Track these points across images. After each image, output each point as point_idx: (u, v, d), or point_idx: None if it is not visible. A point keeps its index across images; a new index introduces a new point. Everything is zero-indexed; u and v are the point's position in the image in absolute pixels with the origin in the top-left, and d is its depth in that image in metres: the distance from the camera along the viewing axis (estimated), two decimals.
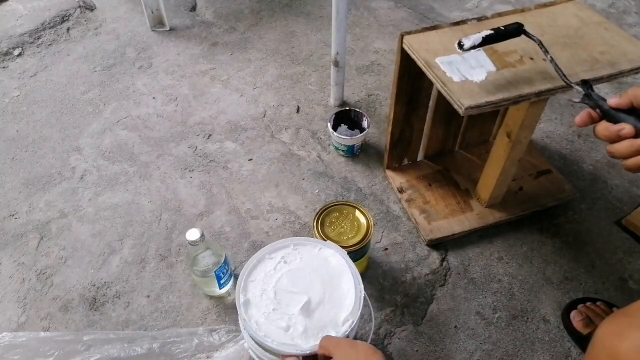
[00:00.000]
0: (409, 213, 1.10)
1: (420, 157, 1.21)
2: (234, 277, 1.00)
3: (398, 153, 1.17)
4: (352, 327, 0.68)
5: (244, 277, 0.73)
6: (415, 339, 0.93)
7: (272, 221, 1.13)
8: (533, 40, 0.75)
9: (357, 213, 0.92)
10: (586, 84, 0.63)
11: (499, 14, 0.94)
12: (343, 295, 0.71)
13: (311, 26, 1.71)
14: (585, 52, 0.84)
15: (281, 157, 1.27)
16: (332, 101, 1.41)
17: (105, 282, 1.02)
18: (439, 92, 0.96)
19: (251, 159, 1.27)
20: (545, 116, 1.36)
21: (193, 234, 0.86)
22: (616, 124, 0.55)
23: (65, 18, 1.75)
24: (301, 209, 1.15)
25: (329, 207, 0.93)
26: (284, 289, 0.72)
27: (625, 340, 0.50)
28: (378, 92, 1.45)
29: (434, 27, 0.90)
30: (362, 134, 1.21)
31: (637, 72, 0.83)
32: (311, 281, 0.73)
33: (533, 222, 1.11)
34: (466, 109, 0.75)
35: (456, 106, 0.77)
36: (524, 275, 1.02)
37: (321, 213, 0.92)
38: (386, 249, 1.06)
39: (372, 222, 0.90)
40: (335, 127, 1.25)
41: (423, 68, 0.85)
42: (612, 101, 0.56)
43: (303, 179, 1.22)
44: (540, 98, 0.79)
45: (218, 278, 0.93)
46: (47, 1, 1.82)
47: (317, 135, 1.33)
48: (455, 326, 0.94)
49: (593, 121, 0.59)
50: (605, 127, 0.56)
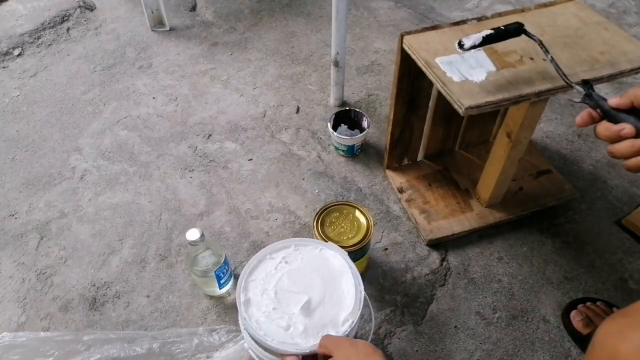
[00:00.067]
0: (409, 213, 1.10)
1: (420, 157, 1.21)
2: (234, 277, 1.00)
3: (398, 153, 1.17)
4: (352, 327, 0.68)
5: (245, 277, 0.73)
6: (415, 339, 0.93)
7: (272, 221, 1.13)
8: (533, 40, 0.75)
9: (357, 213, 0.92)
10: (587, 84, 0.63)
11: (499, 14, 0.94)
12: (343, 295, 0.71)
13: (311, 26, 1.71)
14: (585, 52, 0.84)
15: (281, 157, 1.27)
16: (332, 101, 1.41)
17: (105, 282, 1.02)
18: (439, 92, 0.96)
19: (251, 159, 1.27)
20: (545, 116, 1.36)
21: (193, 234, 0.86)
22: (617, 124, 0.55)
23: (65, 18, 1.75)
24: (301, 209, 1.15)
25: (329, 207, 0.93)
26: (285, 289, 0.72)
27: (625, 340, 0.50)
28: (378, 92, 1.45)
29: (434, 27, 0.90)
30: (362, 134, 1.21)
31: (637, 72, 0.83)
32: (312, 281, 0.73)
33: (533, 222, 1.11)
34: (466, 109, 0.75)
35: (456, 106, 0.77)
36: (524, 275, 1.02)
37: (321, 213, 0.92)
38: (386, 249, 1.07)
39: (372, 222, 0.90)
40: (335, 127, 1.25)
41: (423, 68, 0.85)
42: (613, 101, 0.56)
43: (303, 179, 1.22)
44: (540, 98, 0.79)
45: (218, 278, 0.93)
46: (47, 1, 1.82)
47: (317, 135, 1.33)
48: (455, 326, 0.95)
49: (594, 121, 0.59)
50: (605, 127, 0.56)
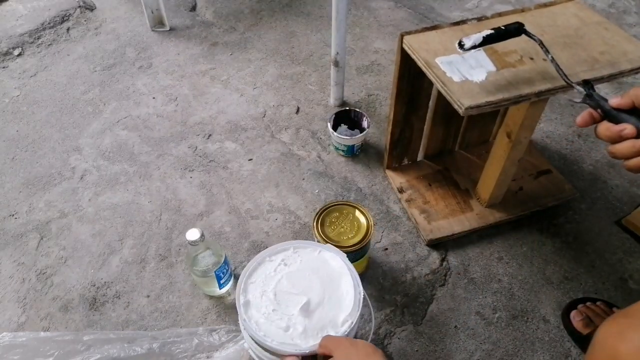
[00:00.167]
0: (409, 213, 1.10)
1: (420, 157, 1.21)
2: (234, 277, 1.00)
3: (398, 153, 1.17)
4: (352, 328, 0.68)
5: (244, 279, 0.73)
6: (415, 339, 0.93)
7: (272, 221, 1.13)
8: (534, 40, 0.75)
9: (357, 213, 0.92)
10: (587, 84, 0.63)
11: (499, 14, 0.94)
12: (342, 296, 0.71)
13: (311, 26, 1.71)
14: (585, 52, 0.84)
15: (281, 157, 1.27)
16: (332, 101, 1.41)
17: (105, 282, 1.02)
18: (439, 92, 0.96)
19: (251, 159, 1.27)
20: (545, 116, 1.36)
21: (193, 234, 0.86)
22: (618, 125, 0.55)
23: (65, 18, 1.75)
24: (301, 209, 1.15)
25: (329, 207, 0.93)
26: (284, 290, 0.72)
27: (625, 341, 0.50)
28: (378, 92, 1.45)
29: (434, 27, 0.90)
30: (362, 134, 1.21)
31: (637, 72, 0.83)
32: (311, 283, 0.73)
33: (533, 222, 1.11)
34: (466, 109, 0.75)
35: (456, 106, 0.77)
36: (524, 275, 1.02)
37: (321, 213, 0.92)
38: (386, 249, 1.06)
39: (372, 222, 0.90)
40: (335, 127, 1.25)
41: (423, 68, 0.85)
42: (614, 101, 0.56)
43: (303, 179, 1.22)
44: (540, 98, 0.79)
45: (218, 278, 0.93)
46: (47, 1, 1.82)
47: (317, 135, 1.33)
48: (455, 326, 0.94)
49: (594, 121, 0.59)
50: (606, 128, 0.56)
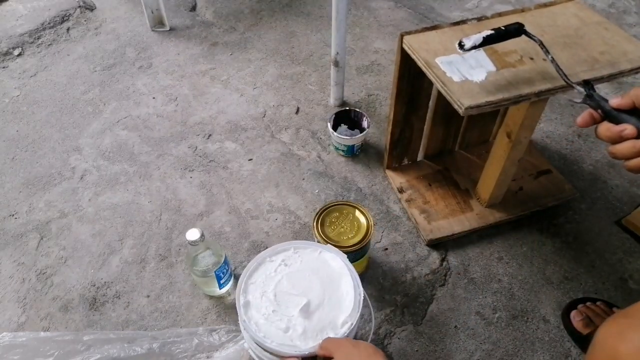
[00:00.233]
0: (409, 213, 1.10)
1: (420, 157, 1.21)
2: (234, 277, 1.00)
3: (398, 153, 1.17)
4: (351, 329, 0.68)
5: (245, 279, 0.73)
6: (415, 339, 0.93)
7: (272, 221, 1.13)
8: (534, 40, 0.75)
9: (357, 213, 0.92)
10: (588, 85, 0.62)
11: (499, 14, 0.94)
12: (342, 297, 0.71)
13: (311, 26, 1.71)
14: (585, 52, 0.84)
15: (281, 157, 1.27)
16: (332, 101, 1.41)
17: (105, 282, 1.02)
18: (439, 92, 0.96)
19: (251, 159, 1.27)
20: (545, 116, 1.36)
21: (193, 234, 0.86)
22: (618, 125, 0.55)
23: (65, 18, 1.75)
24: (301, 209, 1.15)
25: (329, 207, 0.93)
26: (284, 291, 0.72)
27: (625, 341, 0.50)
28: (378, 92, 1.45)
29: (434, 27, 0.90)
30: (362, 134, 1.21)
31: (637, 72, 0.83)
32: (311, 283, 0.73)
33: (533, 222, 1.11)
34: (466, 109, 0.75)
35: (456, 106, 0.77)
36: (524, 275, 1.02)
37: (321, 213, 0.92)
38: (386, 249, 1.06)
39: (372, 222, 0.90)
40: (335, 127, 1.25)
41: (423, 68, 0.85)
42: (614, 102, 0.56)
43: (303, 179, 1.22)
44: (540, 98, 0.79)
45: (218, 278, 0.93)
46: (47, 1, 1.82)
47: (317, 135, 1.33)
48: (455, 326, 0.94)
49: (595, 122, 0.58)
50: (607, 128, 0.56)
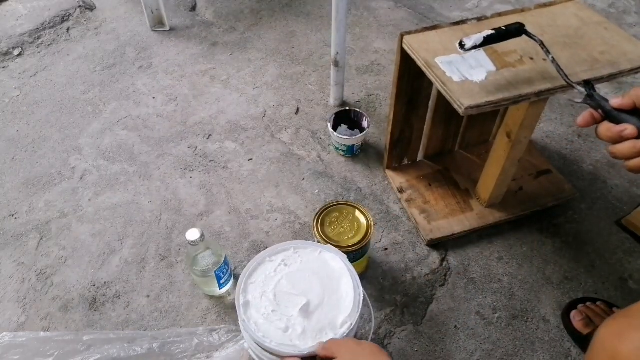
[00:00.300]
0: (409, 213, 1.10)
1: (420, 157, 1.21)
2: (234, 277, 1.00)
3: (398, 153, 1.17)
4: (351, 329, 0.68)
5: (244, 279, 0.73)
6: (415, 339, 0.93)
7: (272, 221, 1.13)
8: (534, 40, 0.75)
9: (357, 213, 0.92)
10: (588, 85, 0.62)
11: (499, 14, 0.94)
12: (342, 297, 0.71)
13: (311, 26, 1.71)
14: (585, 52, 0.84)
15: (281, 157, 1.27)
16: (332, 101, 1.41)
17: (105, 282, 1.02)
18: (439, 92, 0.96)
19: (251, 159, 1.27)
20: (545, 116, 1.36)
21: (193, 234, 0.86)
22: (618, 125, 0.54)
23: (65, 18, 1.75)
24: (301, 209, 1.15)
25: (329, 207, 0.93)
26: (284, 291, 0.72)
27: (625, 341, 0.50)
28: (378, 92, 1.45)
29: (434, 27, 0.90)
30: (362, 134, 1.21)
31: (637, 72, 0.83)
32: (311, 284, 0.73)
33: (533, 222, 1.11)
34: (466, 109, 0.75)
35: (456, 106, 0.77)
36: (524, 275, 1.02)
37: (321, 213, 0.92)
38: (386, 249, 1.06)
39: (372, 222, 0.90)
40: (335, 127, 1.25)
41: (423, 68, 0.85)
42: (615, 102, 0.56)
43: (303, 179, 1.22)
44: (540, 98, 0.79)
45: (218, 278, 0.93)
46: (47, 1, 1.82)
47: (317, 135, 1.33)
48: (455, 326, 0.94)
49: (595, 122, 0.58)
50: (607, 128, 0.56)
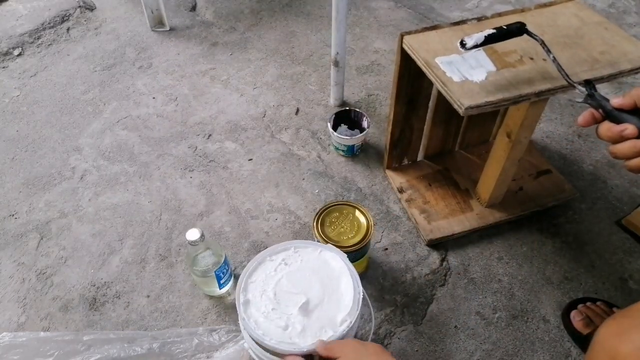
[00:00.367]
0: (409, 213, 1.10)
1: (420, 157, 1.21)
2: (234, 277, 1.00)
3: (398, 153, 1.17)
4: (350, 327, 0.68)
5: (245, 278, 0.73)
6: (415, 339, 0.93)
7: (272, 221, 1.13)
8: (535, 39, 0.75)
9: (357, 213, 0.92)
10: (589, 84, 0.62)
11: (499, 14, 0.94)
12: (342, 296, 0.71)
13: (311, 26, 1.71)
14: (585, 52, 0.84)
15: (281, 157, 1.27)
16: (332, 101, 1.41)
17: (105, 282, 1.02)
18: (439, 92, 0.96)
19: (251, 159, 1.27)
20: (545, 116, 1.36)
21: (193, 234, 0.86)
22: (619, 125, 0.54)
23: (65, 18, 1.75)
24: (301, 209, 1.15)
25: (329, 207, 0.93)
26: (284, 290, 0.72)
27: (625, 341, 0.50)
28: (378, 92, 1.45)
29: (434, 27, 0.90)
30: (362, 134, 1.21)
31: (637, 72, 0.83)
32: (310, 282, 0.73)
33: (533, 222, 1.10)
34: (466, 109, 0.75)
35: (456, 106, 0.77)
36: (524, 275, 1.02)
37: (321, 213, 0.92)
38: (386, 249, 1.06)
39: (372, 222, 0.90)
40: (335, 127, 1.25)
41: (423, 68, 0.85)
42: (615, 101, 0.56)
43: (303, 179, 1.22)
44: (540, 98, 0.79)
45: (218, 278, 0.93)
46: (47, 1, 1.82)
47: (317, 135, 1.33)
48: (455, 326, 0.94)
49: (596, 121, 0.58)
50: (608, 128, 0.56)
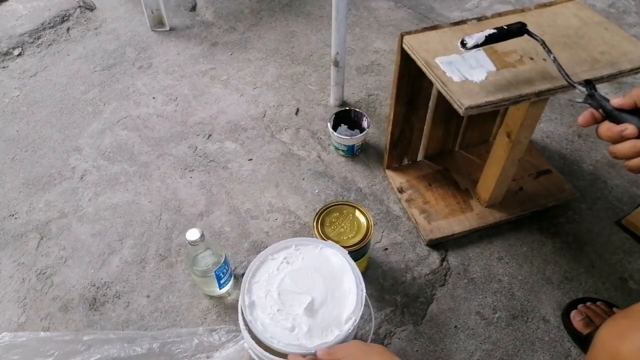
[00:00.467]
0: (409, 213, 1.10)
1: (420, 157, 1.21)
2: (234, 277, 1.00)
3: (398, 153, 1.17)
4: (355, 325, 0.69)
5: (248, 279, 0.73)
6: (415, 339, 0.93)
7: (272, 221, 1.13)
8: (536, 40, 0.75)
9: (357, 213, 0.92)
10: (589, 84, 0.62)
11: (499, 14, 0.94)
12: (345, 294, 0.72)
13: (311, 26, 1.71)
14: (585, 52, 0.84)
15: (281, 157, 1.27)
16: (332, 101, 1.41)
17: (105, 282, 1.02)
18: (439, 92, 0.96)
19: (251, 159, 1.27)
20: (545, 116, 1.36)
21: (193, 234, 0.86)
22: (619, 125, 0.54)
23: (65, 18, 1.75)
24: (301, 209, 1.15)
25: (329, 207, 0.93)
26: (288, 290, 0.72)
27: (626, 342, 0.50)
28: (378, 92, 1.45)
29: (434, 27, 0.90)
30: (362, 134, 1.21)
31: (637, 72, 0.83)
32: (313, 281, 0.73)
33: (533, 222, 1.11)
34: (466, 109, 0.75)
35: (456, 106, 0.77)
36: (524, 275, 1.02)
37: (321, 213, 0.92)
38: (386, 249, 1.06)
39: (372, 222, 0.90)
40: (335, 127, 1.25)
41: (423, 68, 0.85)
42: (616, 101, 0.56)
43: (303, 179, 1.22)
44: (540, 98, 0.79)
45: (218, 278, 0.93)
46: (47, 1, 1.82)
47: (317, 135, 1.33)
48: (455, 326, 0.94)
49: (596, 121, 0.58)
50: (608, 128, 0.56)
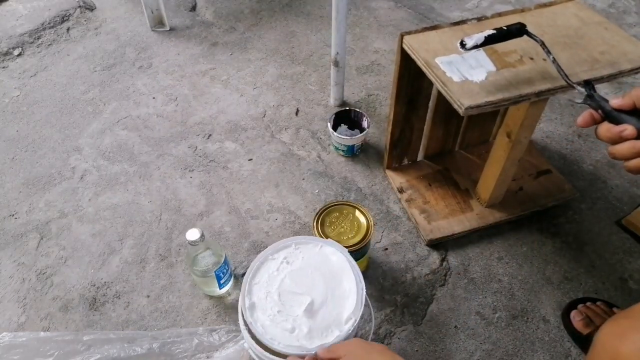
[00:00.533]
0: (409, 213, 1.10)
1: (420, 157, 1.21)
2: (234, 277, 1.00)
3: (398, 153, 1.17)
4: (356, 325, 0.69)
5: (248, 280, 0.73)
6: (415, 339, 0.93)
7: (272, 221, 1.13)
8: (535, 40, 0.75)
9: (357, 213, 0.92)
10: (588, 85, 0.62)
11: (499, 14, 0.94)
12: (345, 293, 0.72)
13: (311, 26, 1.71)
14: (585, 52, 0.84)
15: (281, 157, 1.27)
16: (332, 101, 1.41)
17: (105, 282, 1.02)
18: (439, 92, 0.96)
19: (251, 159, 1.27)
20: (545, 116, 1.36)
21: (193, 234, 0.86)
22: (618, 125, 0.54)
23: (65, 18, 1.75)
24: (301, 209, 1.15)
25: (329, 207, 0.93)
26: (288, 290, 0.72)
27: (626, 342, 0.50)
28: (378, 92, 1.45)
29: (434, 27, 0.90)
30: (362, 134, 1.21)
31: (637, 72, 0.83)
32: (313, 281, 0.73)
33: (533, 222, 1.11)
34: (466, 109, 0.75)
35: (456, 106, 0.77)
36: (524, 275, 1.02)
37: (321, 213, 0.92)
38: (386, 249, 1.06)
39: (372, 222, 0.90)
40: (335, 127, 1.25)
41: (423, 68, 0.85)
42: (615, 102, 0.56)
43: (303, 179, 1.22)
44: (540, 98, 0.79)
45: (218, 278, 0.93)
46: (47, 1, 1.82)
47: (317, 135, 1.33)
48: (455, 326, 0.94)
49: (595, 122, 0.58)
50: (607, 129, 0.56)
